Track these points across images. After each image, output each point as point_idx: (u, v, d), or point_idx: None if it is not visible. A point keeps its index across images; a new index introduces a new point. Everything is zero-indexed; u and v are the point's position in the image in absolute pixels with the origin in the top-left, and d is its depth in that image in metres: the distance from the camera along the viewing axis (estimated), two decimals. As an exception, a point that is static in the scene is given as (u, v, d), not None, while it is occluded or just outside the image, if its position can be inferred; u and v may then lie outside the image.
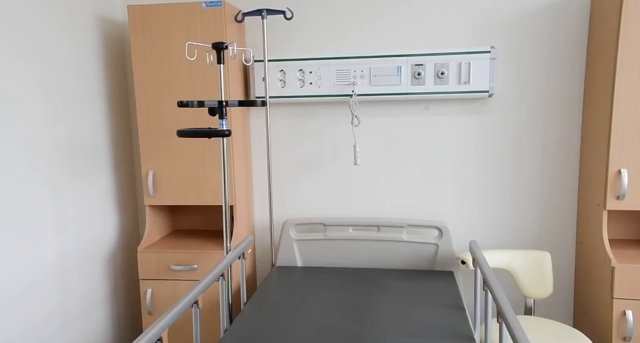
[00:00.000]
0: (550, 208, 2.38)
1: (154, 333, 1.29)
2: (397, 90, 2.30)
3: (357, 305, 1.98)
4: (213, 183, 2.26)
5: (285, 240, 2.46)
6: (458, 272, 2.35)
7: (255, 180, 2.58)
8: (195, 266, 2.23)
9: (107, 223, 2.38)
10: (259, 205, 2.60)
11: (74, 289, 2.13)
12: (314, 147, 2.50)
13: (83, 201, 2.19)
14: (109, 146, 2.39)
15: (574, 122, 2.30)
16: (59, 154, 2.03)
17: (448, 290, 2.12)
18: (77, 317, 2.15)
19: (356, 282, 2.23)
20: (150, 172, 2.28)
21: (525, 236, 2.41)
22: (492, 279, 1.62)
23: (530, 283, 2.19)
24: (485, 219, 2.44)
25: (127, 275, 2.56)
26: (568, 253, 2.39)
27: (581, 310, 2.30)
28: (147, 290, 2.27)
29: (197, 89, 2.19)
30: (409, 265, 2.39)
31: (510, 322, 1.31)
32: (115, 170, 2.44)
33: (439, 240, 2.35)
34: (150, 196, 2.30)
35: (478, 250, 1.91)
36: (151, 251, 2.26)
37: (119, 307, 2.48)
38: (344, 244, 2.43)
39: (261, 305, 1.99)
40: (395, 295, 2.07)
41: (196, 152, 2.25)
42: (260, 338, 1.72)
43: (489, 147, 2.38)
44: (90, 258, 2.25)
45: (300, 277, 2.31)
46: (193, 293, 1.55)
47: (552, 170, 2.35)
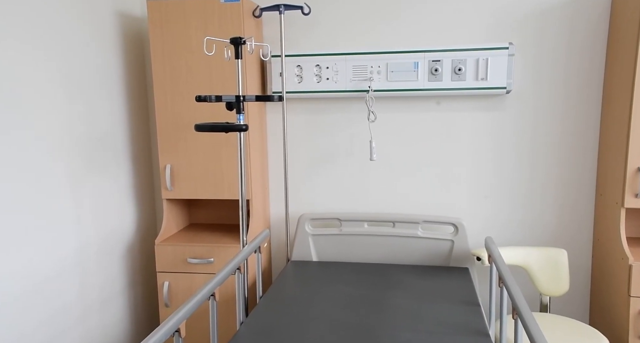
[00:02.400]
0: (567, 206, 2.36)
1: (171, 324, 1.32)
2: (414, 86, 2.29)
3: (371, 300, 1.99)
4: (230, 177, 2.28)
5: (300, 235, 2.48)
6: (473, 268, 2.34)
7: (271, 175, 2.60)
8: (212, 259, 2.26)
9: (125, 216, 2.42)
10: (275, 200, 2.62)
11: (92, 281, 2.17)
12: (330, 143, 2.51)
13: (101, 194, 2.23)
14: (127, 140, 2.42)
15: (592, 119, 2.28)
16: (78, 148, 2.07)
17: (463, 287, 2.12)
18: (95, 308, 2.19)
19: (371, 277, 2.23)
20: (168, 166, 2.31)
21: (542, 233, 2.40)
22: (507, 275, 1.61)
23: (546, 280, 2.18)
24: (501, 216, 2.43)
25: (145, 267, 2.60)
26: (584, 251, 2.37)
27: (597, 308, 2.28)
28: (164, 282, 2.30)
29: (215, 84, 2.21)
30: (424, 261, 2.39)
31: (526, 318, 1.31)
32: (133, 163, 2.48)
33: (455, 236, 2.35)
34: (167, 190, 2.33)
35: (494, 246, 1.90)
36: (168, 244, 2.29)
37: (137, 299, 2.53)
38: (359, 239, 2.44)
39: (277, 299, 2.01)
40: (410, 291, 2.07)
41: (213, 146, 2.27)
42: (276, 331, 1.74)
43: (506, 144, 2.37)
44: (109, 251, 2.29)
45: (315, 271, 2.32)
46: (210, 285, 1.57)
47: (569, 167, 2.33)
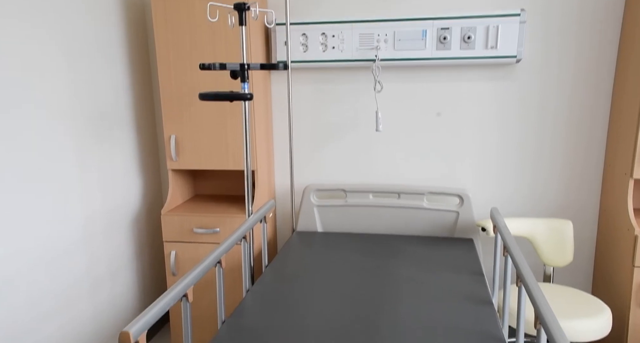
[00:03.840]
0: (574, 177, 2.34)
1: (179, 289, 1.33)
2: (421, 55, 2.25)
3: (376, 270, 2.00)
4: (234, 148, 2.27)
5: (305, 206, 2.48)
6: (478, 239, 2.35)
7: (276, 146, 2.59)
8: (217, 229, 2.27)
9: (131, 187, 2.43)
10: (280, 171, 2.62)
11: (100, 252, 2.20)
12: (335, 113, 2.49)
13: (107, 165, 2.23)
14: (131, 110, 2.41)
15: (604, 89, 2.24)
16: (82, 119, 2.06)
17: (467, 257, 2.12)
18: (104, 278, 2.23)
19: (376, 248, 2.25)
20: (173, 137, 2.30)
21: (548, 205, 2.39)
22: (512, 244, 1.62)
23: (550, 251, 2.19)
24: (507, 187, 2.42)
25: (151, 238, 2.63)
26: (590, 222, 2.36)
27: (600, 279, 2.30)
28: (170, 252, 2.33)
29: (218, 53, 2.18)
30: (428, 232, 2.40)
31: (530, 285, 1.31)
32: (137, 134, 2.47)
33: (460, 207, 2.35)
34: (172, 160, 2.33)
35: (499, 216, 1.90)
36: (174, 214, 2.30)
37: (144, 269, 2.56)
38: (364, 210, 2.44)
39: (282, 268, 2.03)
40: (414, 261, 2.09)
41: (218, 116, 2.25)
42: (282, 298, 1.77)
43: (514, 114, 2.34)
44: (116, 221, 2.31)
45: (320, 241, 2.34)
46: (217, 253, 1.58)
47: (578, 138, 2.30)
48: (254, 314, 1.65)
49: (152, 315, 1.19)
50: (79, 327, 2.06)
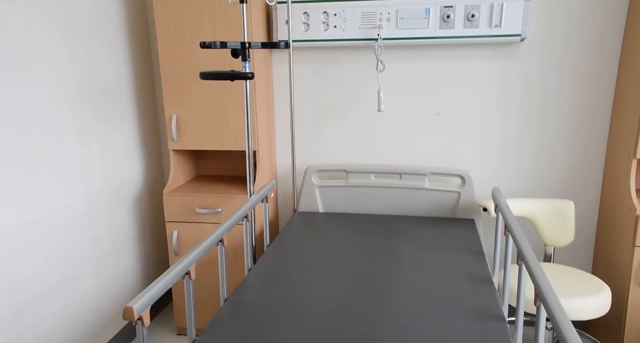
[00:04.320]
0: (576, 157, 2.33)
1: (182, 266, 1.34)
2: (424, 33, 2.23)
3: (377, 249, 2.01)
4: (236, 128, 2.27)
5: (307, 186, 2.49)
6: (479, 220, 2.36)
7: (278, 126, 2.58)
8: (219, 209, 2.28)
9: (133, 167, 2.43)
10: (282, 151, 2.61)
11: (103, 230, 2.21)
12: (337, 93, 2.47)
13: (108, 145, 2.23)
14: (132, 90, 2.40)
15: (609, 68, 2.22)
16: (82, 100, 2.05)
17: (468, 237, 2.13)
18: (108, 257, 2.24)
19: (377, 228, 2.25)
20: (174, 117, 2.29)
21: (549, 185, 2.39)
22: (513, 223, 1.62)
23: (551, 231, 2.19)
24: (508, 168, 2.41)
25: (154, 217, 2.64)
26: (592, 202, 2.36)
27: (601, 258, 2.31)
28: (173, 232, 2.34)
29: (219, 32, 2.16)
30: (430, 213, 2.41)
31: (530, 263, 1.32)
32: (138, 115, 2.46)
33: (461, 188, 2.35)
34: (173, 141, 2.33)
35: (501, 196, 1.90)
36: (176, 194, 2.31)
37: (147, 248, 2.58)
38: (365, 191, 2.44)
39: (283, 248, 2.04)
40: (415, 241, 2.10)
41: (219, 97, 2.24)
42: (283, 277, 1.78)
43: (517, 94, 2.32)
44: (118, 201, 2.31)
45: (321, 222, 2.35)
46: (219, 231, 1.59)
47: (581, 118, 2.29)
48: (256, 292, 1.67)
49: (155, 291, 1.20)
50: (83, 304, 2.09)
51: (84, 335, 2.10)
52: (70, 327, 2.01)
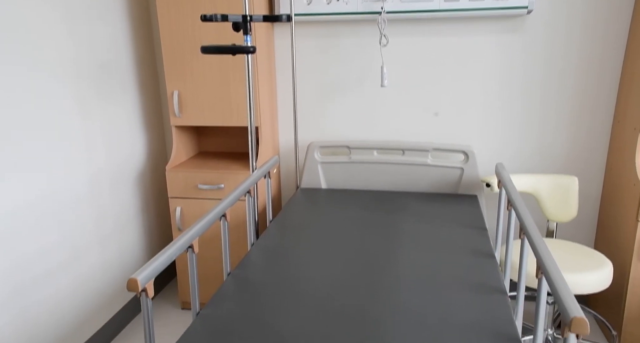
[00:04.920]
0: (581, 132, 2.31)
1: (185, 240, 1.35)
2: (429, 7, 2.19)
3: (379, 225, 2.02)
4: (238, 104, 2.25)
5: (309, 163, 2.48)
6: (482, 196, 2.35)
7: (280, 102, 2.56)
8: (222, 185, 2.28)
9: (135, 144, 2.43)
10: (284, 127, 2.60)
11: (107, 206, 2.22)
12: (340, 69, 2.45)
13: (110, 122, 2.22)
14: (132, 66, 2.37)
15: (617, 42, 2.18)
16: (83, 77, 2.04)
17: (471, 213, 2.13)
18: (112, 233, 2.26)
19: (380, 204, 2.26)
20: (175, 92, 2.28)
21: (553, 161, 2.38)
22: (516, 198, 1.62)
23: (554, 206, 2.19)
24: (512, 144, 2.40)
25: (157, 193, 2.65)
26: (596, 178, 2.35)
27: (603, 234, 2.31)
28: (176, 207, 2.35)
29: (219, 7, 2.13)
30: (432, 189, 2.40)
31: (532, 236, 1.32)
32: (140, 91, 2.44)
33: (465, 164, 2.34)
34: (175, 117, 2.32)
35: (504, 171, 1.89)
36: (179, 170, 2.31)
37: (150, 224, 2.59)
38: (368, 167, 2.44)
39: (286, 223, 2.05)
40: (418, 217, 2.10)
41: (221, 72, 2.22)
42: (286, 251, 1.79)
43: (522, 68, 2.29)
44: (121, 178, 2.32)
45: (324, 198, 2.35)
46: (221, 206, 1.60)
47: (588, 92, 2.26)
48: (259, 266, 1.68)
49: (159, 263, 1.21)
50: (88, 279, 2.11)
51: (90, 311, 2.13)
52: (76, 302, 2.04)
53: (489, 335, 1.28)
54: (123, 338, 2.30)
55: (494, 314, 1.38)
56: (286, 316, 1.38)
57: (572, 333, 0.98)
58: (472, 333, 1.29)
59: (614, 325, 2.14)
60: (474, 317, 1.36)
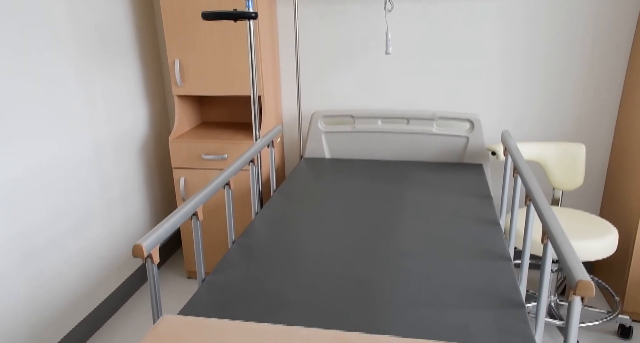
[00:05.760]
0: (590, 99, 2.28)
1: (189, 207, 1.35)
2: (434, -31, 2.12)
3: (384, 194, 2.01)
4: (240, 73, 2.22)
5: (313, 132, 2.46)
6: (487, 164, 2.34)
7: (283, 71, 2.53)
8: (225, 155, 2.27)
9: (137, 113, 2.41)
10: (287, 97, 2.57)
11: (111, 176, 2.22)
12: (343, 36, 2.40)
13: (111, 91, 2.20)
14: (133, 35, 2.33)
15: (630, 2, 2.11)
16: (82, 46, 2.00)
17: (476, 181, 2.12)
18: (117, 202, 2.26)
19: (384, 174, 2.25)
20: (177, 61, 2.24)
21: (560, 128, 2.35)
22: (522, 164, 1.60)
23: (560, 174, 2.17)
24: (517, 111, 2.36)
25: (161, 164, 2.64)
26: (604, 145, 2.33)
27: (609, 201, 2.30)
28: (180, 178, 2.35)
29: (221, -31, 2.07)
30: (437, 158, 2.39)
31: (538, 201, 1.31)
32: (141, 60, 2.41)
33: (470, 132, 2.31)
34: (177, 86, 2.29)
35: (510, 138, 1.87)
36: (182, 141, 2.30)
37: (155, 194, 2.60)
38: (372, 136, 2.42)
39: (290, 193, 2.05)
40: (423, 185, 2.09)
41: (222, 40, 2.18)
42: (290, 220, 1.79)
43: (527, 32, 2.23)
44: (124, 148, 2.31)
45: (328, 168, 2.34)
46: (225, 174, 1.59)
47: (599, 58, 2.21)
48: (264, 234, 1.68)
49: (163, 230, 1.21)
50: (94, 249, 2.13)
51: (96, 279, 2.16)
52: (85, 270, 2.07)
53: (493, 301, 1.29)
54: (131, 305, 2.33)
55: (498, 280, 1.38)
56: (291, 282, 1.39)
57: (577, 296, 0.98)
58: (476, 299, 1.29)
59: (617, 291, 2.15)
60: (478, 283, 1.37)
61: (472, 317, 1.22)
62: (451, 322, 1.20)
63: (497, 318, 1.22)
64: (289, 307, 1.27)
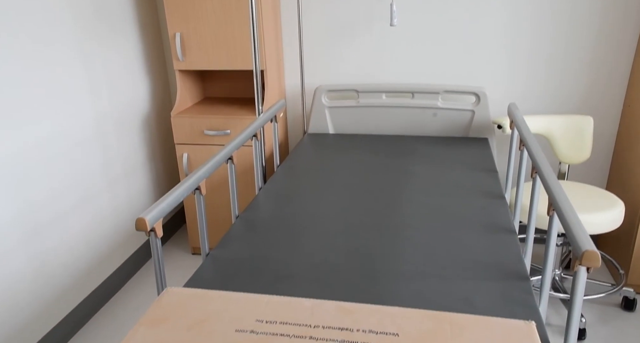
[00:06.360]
0: (599, 70, 2.23)
1: (192, 181, 1.34)
2: (440, -63, 2.05)
3: (388, 169, 2.00)
4: (242, 46, 2.18)
5: (317, 107, 2.43)
6: (493, 139, 2.31)
7: (286, 44, 2.48)
8: (228, 131, 2.26)
9: (139, 89, 2.38)
10: (290, 71, 2.53)
11: (113, 151, 2.21)
12: (347, 7, 2.34)
13: (111, 66, 2.17)
14: (132, 7, 2.29)
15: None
16: (81, 18, 1.96)
17: (481, 155, 2.10)
18: (120, 178, 2.26)
19: (389, 148, 2.23)
20: (178, 34, 2.20)
21: (567, 100, 2.31)
22: (529, 136, 1.58)
23: (567, 147, 2.15)
24: (523, 84, 2.32)
25: (163, 140, 2.63)
26: (612, 118, 2.29)
27: (617, 175, 2.28)
28: (183, 154, 2.33)
29: (220, -62, 2.02)
30: (443, 133, 2.36)
31: (545, 172, 1.29)
32: (141, 33, 2.37)
33: (476, 106, 2.28)
34: (179, 60, 2.26)
35: (517, 111, 1.84)
36: (184, 116, 2.28)
37: (158, 170, 2.60)
38: (377, 111, 2.39)
39: (294, 168, 2.03)
40: (427, 160, 2.07)
41: (223, 13, 2.14)
42: (294, 195, 1.78)
43: (535, 4, 2.17)
44: (127, 124, 2.29)
45: (332, 143, 2.32)
46: (228, 148, 1.58)
47: (608, 28, 2.16)
48: (267, 209, 1.68)
49: (166, 203, 1.20)
50: (100, 225, 2.14)
51: (100, 256, 2.17)
52: (90, 245, 2.08)
53: (497, 273, 1.28)
54: (136, 281, 2.35)
55: (503, 253, 1.37)
56: (295, 255, 1.39)
57: (582, 267, 0.97)
58: (481, 271, 1.29)
59: (622, 264, 2.15)
60: (483, 256, 1.36)
61: (477, 289, 1.21)
62: (456, 293, 1.20)
63: (502, 289, 1.21)
64: (293, 280, 1.27)
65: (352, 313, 0.87)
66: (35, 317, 1.79)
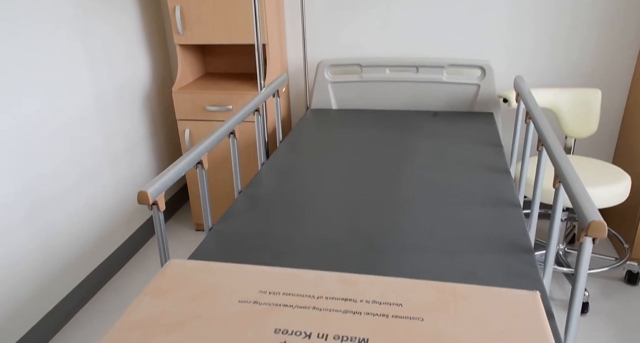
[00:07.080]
0: (607, 42, 2.18)
1: (194, 155, 1.33)
2: None
3: (392, 144, 1.98)
4: (244, 20, 2.14)
5: (319, 82, 2.40)
6: (498, 113, 2.28)
7: (287, 17, 2.44)
8: (230, 106, 2.23)
9: (139, 64, 2.35)
10: (292, 45, 2.49)
11: (115, 127, 2.19)
12: (349, -21, 2.29)
13: (111, 42, 2.13)
14: (131, -20, 2.24)
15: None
16: (80, -14, 1.93)
17: (487, 130, 2.08)
18: (122, 154, 2.25)
19: (393, 123, 2.20)
20: (177, 7, 2.16)
21: (574, 73, 2.27)
22: (535, 109, 1.55)
23: (573, 121, 2.12)
24: (532, 56, 2.28)
25: (165, 115, 2.61)
26: (620, 91, 2.25)
27: (623, 149, 2.25)
28: (185, 130, 2.32)
29: None
30: (448, 107, 2.33)
31: (551, 144, 1.27)
32: (140, 7, 2.33)
33: (481, 80, 2.24)
34: (179, 35, 2.22)
35: (523, 84, 1.81)
36: (185, 92, 2.25)
37: (160, 146, 2.58)
38: (380, 86, 2.35)
39: (296, 144, 2.02)
40: (432, 135, 2.05)
41: (223, -17, 2.09)
42: (297, 171, 1.77)
43: (547, -26, 2.12)
44: (127, 99, 2.27)
45: (335, 118, 2.30)
46: (230, 122, 1.56)
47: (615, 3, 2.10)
48: (270, 184, 1.67)
49: (168, 176, 1.19)
50: (103, 201, 2.14)
51: (105, 232, 2.18)
52: (91, 224, 2.08)
53: (502, 246, 1.28)
54: (140, 257, 2.37)
55: (508, 226, 1.37)
56: (297, 230, 1.38)
57: (588, 237, 0.96)
58: (485, 244, 1.28)
59: (627, 238, 2.14)
60: (488, 229, 1.35)
61: (481, 261, 1.21)
62: (459, 267, 1.19)
63: (506, 262, 1.21)
64: (296, 253, 1.27)
65: (356, 284, 0.86)
66: (40, 293, 1.81)
